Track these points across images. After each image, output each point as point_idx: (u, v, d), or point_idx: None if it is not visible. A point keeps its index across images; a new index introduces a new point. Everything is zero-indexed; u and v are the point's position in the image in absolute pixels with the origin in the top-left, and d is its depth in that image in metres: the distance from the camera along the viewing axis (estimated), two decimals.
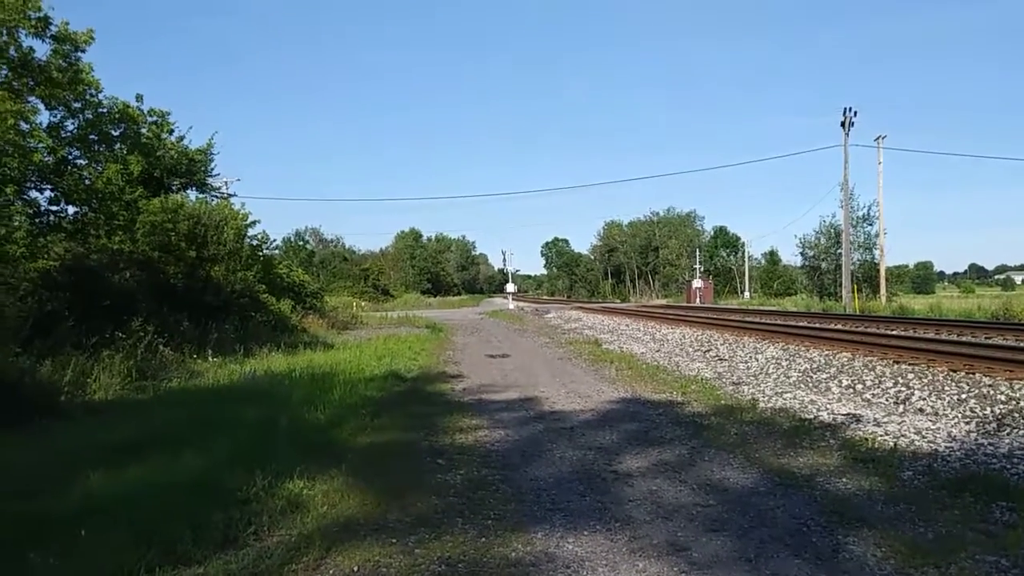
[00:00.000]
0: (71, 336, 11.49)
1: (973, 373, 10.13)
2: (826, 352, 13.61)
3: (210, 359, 13.95)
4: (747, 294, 73.40)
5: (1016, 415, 7.72)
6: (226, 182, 35.39)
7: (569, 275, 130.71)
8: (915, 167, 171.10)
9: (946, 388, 9.40)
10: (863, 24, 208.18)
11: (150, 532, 4.21)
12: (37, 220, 14.70)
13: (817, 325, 21.33)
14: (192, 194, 21.92)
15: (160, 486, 5.15)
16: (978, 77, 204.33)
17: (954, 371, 10.41)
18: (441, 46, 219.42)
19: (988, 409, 8.13)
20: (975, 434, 7.10)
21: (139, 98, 17.52)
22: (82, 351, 10.99)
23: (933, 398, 8.99)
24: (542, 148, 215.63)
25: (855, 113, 35.27)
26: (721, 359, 14.55)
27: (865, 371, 11.19)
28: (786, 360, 13.29)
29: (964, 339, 15.24)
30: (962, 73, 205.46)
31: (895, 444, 6.61)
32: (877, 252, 42.66)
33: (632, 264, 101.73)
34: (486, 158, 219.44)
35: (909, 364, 11.33)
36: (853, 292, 36.11)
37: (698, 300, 60.94)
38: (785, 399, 9.42)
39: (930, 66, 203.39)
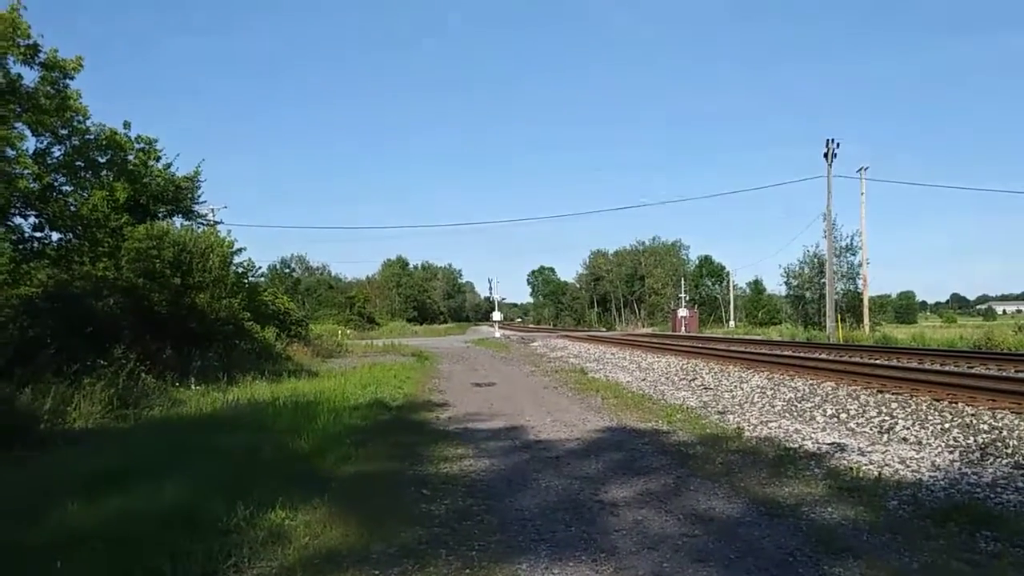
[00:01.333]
0: (52, 363, 11.33)
1: (956, 403, 10.19)
2: (810, 381, 13.65)
3: (193, 387, 13.80)
4: (732, 323, 73.67)
5: (999, 444, 7.76)
6: (212, 209, 35.37)
7: (555, 303, 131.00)
8: (898, 198, 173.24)
9: (929, 417, 9.44)
10: (848, 59, 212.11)
11: (129, 563, 4.13)
12: (20, 247, 14.58)
13: (801, 354, 21.41)
14: (178, 221, 21.80)
15: (140, 516, 5.06)
16: (962, 110, 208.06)
17: (937, 400, 10.47)
18: (429, 75, 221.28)
19: (971, 439, 8.16)
20: (959, 463, 7.12)
21: (127, 125, 17.52)
22: (63, 379, 10.84)
23: (917, 427, 9.02)
24: (530, 177, 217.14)
25: (838, 145, 35.80)
26: (706, 388, 14.56)
27: (849, 400, 11.23)
28: (771, 389, 13.31)
29: (947, 368, 15.35)
30: (946, 105, 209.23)
31: (880, 473, 6.61)
32: (860, 282, 43.01)
33: (618, 293, 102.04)
34: (474, 187, 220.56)
35: (893, 393, 11.39)
36: (837, 321, 36.35)
37: (683, 329, 61.10)
38: (770, 428, 9.43)
39: (913, 98, 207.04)
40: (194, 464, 6.87)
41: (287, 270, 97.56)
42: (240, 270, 21.72)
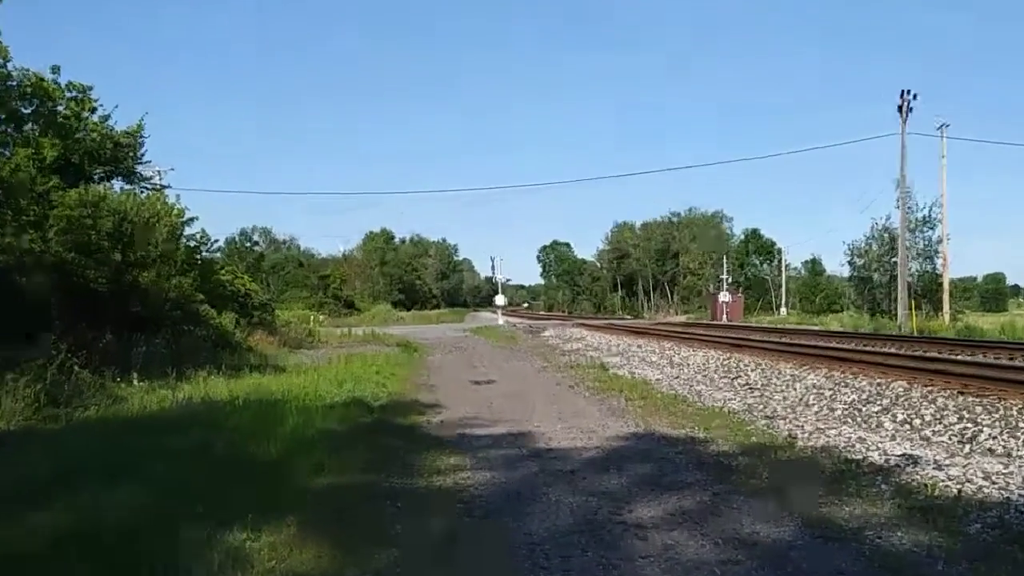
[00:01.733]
0: None
1: None
2: (877, 380, 13.64)
3: (136, 382, 13.86)
4: (784, 310, 73.76)
5: None
6: (159, 171, 35.30)
7: (571, 285, 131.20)
8: (984, 162, 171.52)
9: (1020, 425, 9.43)
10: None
11: None
12: None
13: (867, 348, 21.40)
14: (117, 185, 21.78)
15: (72, 538, 5.09)
16: None
17: None
18: (421, 23, 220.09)
19: None
20: None
21: (55, 70, 17.43)
22: None
23: (1005, 436, 9.01)
24: (539, 136, 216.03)
25: (914, 96, 35.23)
26: (752, 388, 14.58)
27: (924, 404, 11.22)
28: (829, 389, 13.32)
29: None
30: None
31: (959, 491, 6.62)
32: (939, 261, 42.98)
33: (646, 273, 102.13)
34: (473, 147, 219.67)
35: (976, 396, 11.37)
36: (910, 309, 36.30)
37: (725, 317, 61.20)
38: (828, 436, 9.43)
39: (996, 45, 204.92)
40: (137, 473, 6.91)
41: (248, 244, 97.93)
42: (192, 243, 21.80)
